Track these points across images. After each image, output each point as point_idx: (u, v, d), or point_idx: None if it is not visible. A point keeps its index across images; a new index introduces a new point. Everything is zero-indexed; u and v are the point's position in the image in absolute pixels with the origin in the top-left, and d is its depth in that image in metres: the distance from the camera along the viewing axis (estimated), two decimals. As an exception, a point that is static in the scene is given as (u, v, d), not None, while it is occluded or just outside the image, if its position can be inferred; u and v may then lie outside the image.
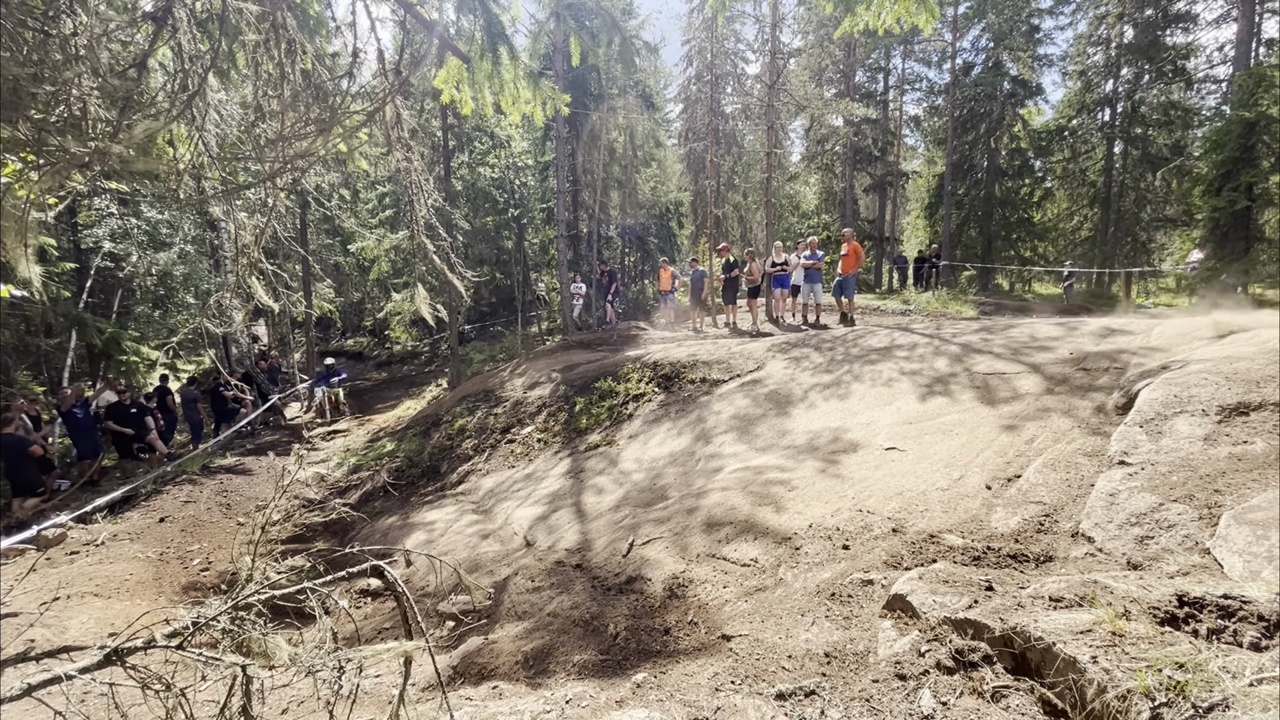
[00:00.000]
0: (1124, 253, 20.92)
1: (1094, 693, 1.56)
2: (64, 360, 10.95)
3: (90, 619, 4.71)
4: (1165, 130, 20.19)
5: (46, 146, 2.21)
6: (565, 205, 15.25)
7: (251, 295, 3.66)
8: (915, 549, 3.08)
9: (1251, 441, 2.98)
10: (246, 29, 2.94)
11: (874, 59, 24.13)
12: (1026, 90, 20.68)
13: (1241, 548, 2.24)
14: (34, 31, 2.40)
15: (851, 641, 2.43)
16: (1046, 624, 1.82)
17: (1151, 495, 2.78)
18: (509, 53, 3.80)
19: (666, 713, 2.02)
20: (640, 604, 3.42)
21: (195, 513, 7.71)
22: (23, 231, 2.19)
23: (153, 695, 1.41)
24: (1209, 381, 3.59)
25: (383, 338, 24.67)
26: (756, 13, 18.97)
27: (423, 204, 3.93)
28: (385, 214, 19.48)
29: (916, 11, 4.34)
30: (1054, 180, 22.76)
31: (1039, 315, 10.79)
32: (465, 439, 9.06)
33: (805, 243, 11.85)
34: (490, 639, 3.48)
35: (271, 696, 3.01)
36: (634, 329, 13.57)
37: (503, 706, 2.32)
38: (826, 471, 4.45)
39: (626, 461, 6.16)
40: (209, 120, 2.99)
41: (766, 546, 3.64)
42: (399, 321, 18.60)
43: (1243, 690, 1.37)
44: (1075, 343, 5.61)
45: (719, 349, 8.72)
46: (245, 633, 1.53)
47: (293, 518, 7.71)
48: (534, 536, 5.04)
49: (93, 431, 9.13)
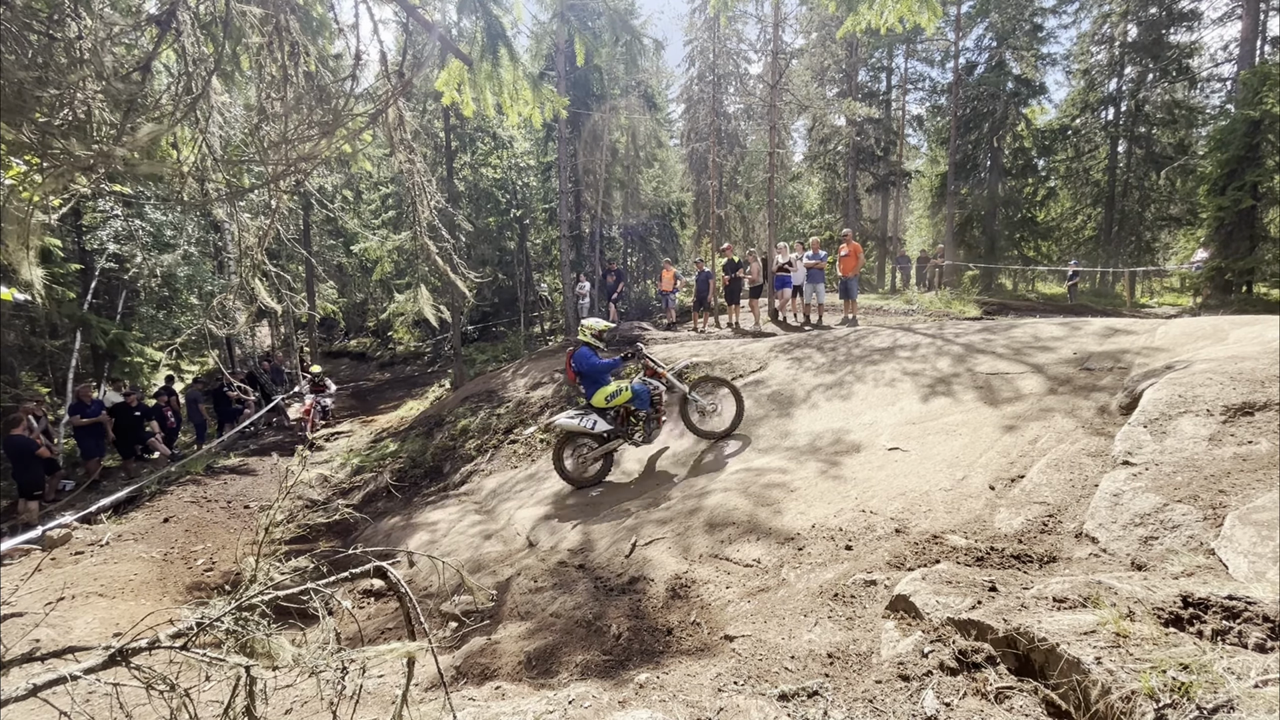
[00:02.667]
0: (1128, 252, 20.84)
1: (1098, 694, 1.56)
2: (69, 361, 11.01)
3: (95, 619, 4.73)
4: (1169, 129, 20.12)
5: (51, 150, 2.22)
6: (568, 205, 15.26)
7: (255, 296, 3.67)
8: (918, 549, 3.07)
9: (1256, 441, 2.96)
10: (250, 31, 2.95)
11: (876, 58, 24.09)
12: (1030, 89, 20.62)
13: (1246, 548, 2.23)
14: (38, 35, 2.42)
15: (854, 642, 2.42)
16: (1050, 625, 1.82)
17: (1156, 496, 2.77)
18: (509, 54, 3.81)
19: (669, 713, 2.02)
20: (643, 604, 3.42)
21: (199, 513, 7.74)
22: (26, 234, 2.20)
23: (157, 695, 1.42)
24: (1213, 381, 3.58)
25: (386, 338, 24.73)
26: (759, 13, 19.00)
27: (426, 205, 3.94)
28: (388, 215, 19.52)
29: (919, 10, 4.33)
30: (1057, 179, 22.69)
31: (1042, 315, 10.76)
32: (468, 439, 9.07)
33: (808, 243, 11.85)
34: (493, 639, 3.48)
35: (275, 697, 3.02)
36: (636, 329, 13.56)
37: (505, 707, 2.32)
38: (829, 472, 4.44)
39: (629, 461, 6.16)
40: (213, 123, 3.00)
41: (769, 547, 3.63)
42: (402, 322, 18.65)
43: (1247, 692, 1.37)
44: (1078, 343, 5.59)
45: (721, 349, 8.71)
46: (249, 633, 1.53)
47: (296, 518, 7.67)
48: (536, 537, 5.05)
49: (99, 432, 9.18)
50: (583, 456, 5.90)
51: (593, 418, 5.74)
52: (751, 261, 12.23)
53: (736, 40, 22.07)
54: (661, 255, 19.89)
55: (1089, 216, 22.43)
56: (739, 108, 22.54)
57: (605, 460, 5.90)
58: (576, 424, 5.75)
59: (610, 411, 5.77)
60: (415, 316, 9.44)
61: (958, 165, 20.75)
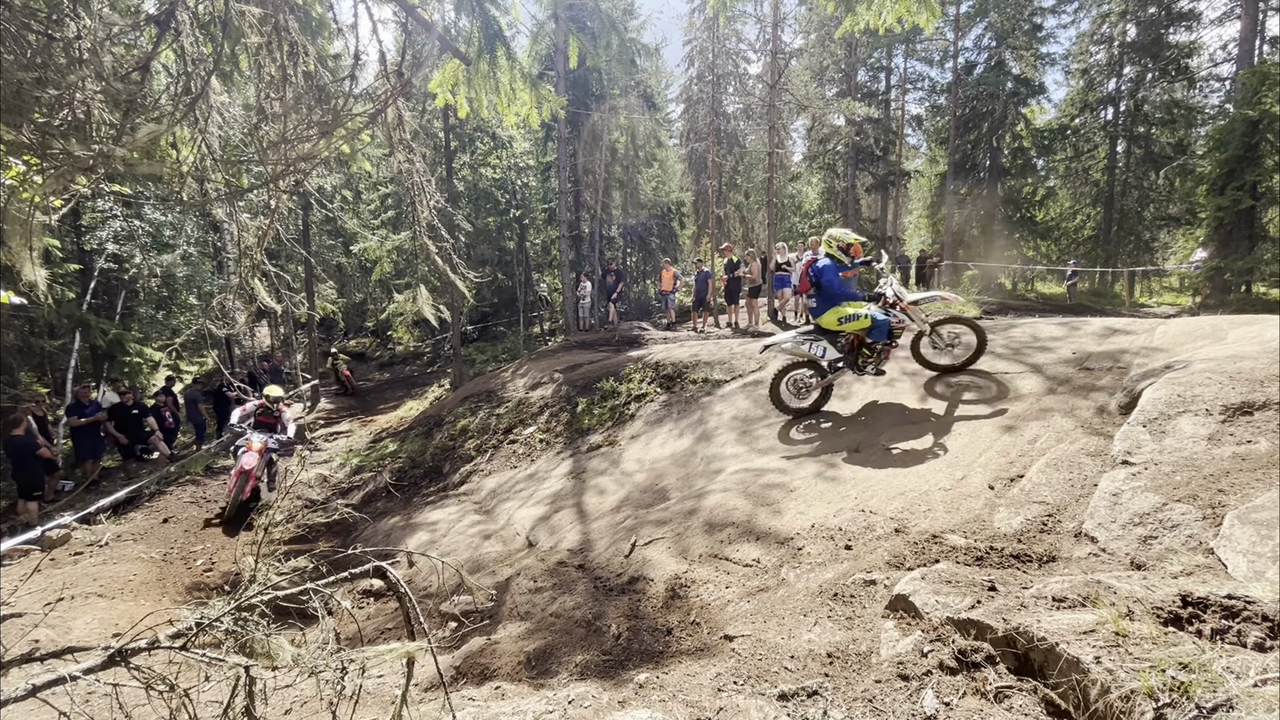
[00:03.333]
0: (1127, 252, 20.87)
1: (1097, 693, 1.56)
2: (68, 361, 11.00)
3: (94, 619, 4.73)
4: (1168, 129, 20.14)
5: (50, 150, 2.22)
6: (567, 205, 15.27)
7: (254, 296, 3.68)
8: (918, 549, 3.08)
9: (1255, 441, 2.97)
10: (249, 31, 2.95)
11: (876, 58, 24.10)
12: (1029, 89, 20.65)
13: (1245, 548, 2.24)
14: (37, 35, 2.41)
15: (854, 642, 2.43)
16: (1050, 624, 1.82)
17: (1155, 495, 2.78)
18: (506, 54, 3.81)
19: (669, 713, 2.02)
20: (642, 604, 3.42)
21: (198, 513, 7.73)
22: (28, 235, 2.20)
23: (156, 696, 1.42)
24: (1212, 381, 3.58)
25: (385, 338, 24.74)
26: (758, 13, 18.99)
27: (425, 205, 3.94)
28: (387, 215, 19.53)
29: (918, 11, 4.34)
30: (1056, 179, 22.72)
31: (1041, 314, 10.77)
32: (468, 439, 9.07)
33: (808, 243, 11.85)
34: (492, 639, 3.48)
35: (275, 697, 3.02)
36: (636, 329, 13.56)
37: (505, 707, 2.32)
38: (828, 472, 4.45)
39: (628, 462, 6.16)
40: (212, 123, 3.00)
41: (768, 547, 3.64)
42: (401, 322, 18.66)
43: (1247, 691, 1.37)
44: (1077, 343, 5.59)
45: (721, 349, 8.72)
46: (249, 633, 1.53)
47: (295, 518, 7.70)
48: (536, 537, 5.05)
49: (96, 432, 9.17)
50: (802, 382, 5.53)
51: (822, 344, 5.26)
52: (749, 261, 12.24)
53: (736, 40, 22.08)
54: (661, 255, 19.91)
55: (1088, 216, 22.45)
56: (738, 108, 22.55)
57: (825, 391, 5.51)
58: (805, 349, 5.30)
59: (841, 338, 5.23)
60: (415, 316, 9.43)
61: (957, 165, 20.76)
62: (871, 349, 5.21)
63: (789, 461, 4.83)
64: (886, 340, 5.15)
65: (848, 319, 5.11)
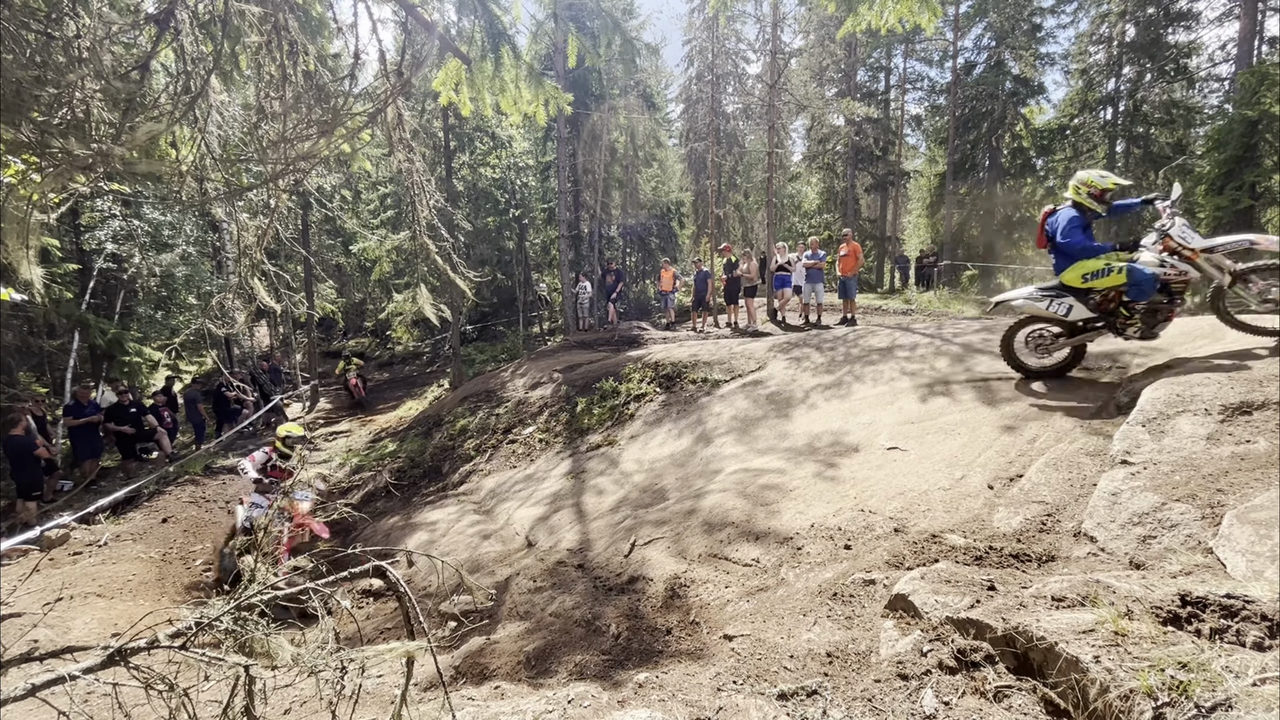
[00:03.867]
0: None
1: (1096, 692, 1.56)
2: (67, 361, 10.98)
3: (93, 619, 4.73)
4: (1167, 129, 20.14)
5: (49, 149, 2.21)
6: (566, 205, 15.26)
7: (254, 296, 3.67)
8: (917, 549, 3.08)
9: (1254, 440, 2.97)
10: (249, 31, 2.95)
11: (875, 58, 24.11)
12: (1028, 89, 20.65)
13: (1244, 547, 2.24)
14: (37, 34, 2.41)
15: (853, 641, 2.43)
16: (1049, 624, 1.82)
17: (1154, 495, 2.78)
18: (511, 53, 3.81)
19: (668, 713, 2.02)
20: (641, 604, 3.42)
21: (198, 513, 7.73)
22: (25, 234, 2.20)
23: (156, 696, 1.42)
24: (1211, 380, 3.58)
25: (384, 338, 24.72)
26: (758, 12, 19.02)
27: (425, 204, 3.94)
28: (387, 214, 19.52)
29: (919, 11, 4.35)
30: (1056, 179, 22.69)
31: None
32: (467, 439, 9.07)
33: (807, 242, 11.86)
34: (492, 639, 3.48)
35: (274, 697, 3.02)
36: (635, 329, 13.56)
37: (505, 706, 2.32)
38: (827, 472, 4.45)
39: (628, 462, 6.16)
40: (211, 122, 3.00)
41: (768, 547, 3.64)
42: (401, 322, 18.62)
43: (1246, 690, 1.37)
44: (1077, 342, 5.59)
45: (720, 349, 8.72)
46: (248, 633, 1.53)
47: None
48: (535, 537, 5.04)
49: (94, 432, 9.16)
50: (1042, 340, 4.71)
51: (1066, 302, 4.41)
52: (746, 261, 12.24)
53: (735, 40, 22.08)
54: (660, 255, 19.89)
55: (1087, 216, 22.41)
56: (738, 107, 22.55)
57: (1075, 351, 4.65)
58: (1043, 307, 4.50)
59: (1092, 296, 4.36)
60: (414, 316, 9.43)
61: (956, 165, 20.77)
62: (1131, 309, 4.24)
63: (789, 461, 4.83)
64: (1158, 298, 4.14)
65: (1095, 274, 4.23)
